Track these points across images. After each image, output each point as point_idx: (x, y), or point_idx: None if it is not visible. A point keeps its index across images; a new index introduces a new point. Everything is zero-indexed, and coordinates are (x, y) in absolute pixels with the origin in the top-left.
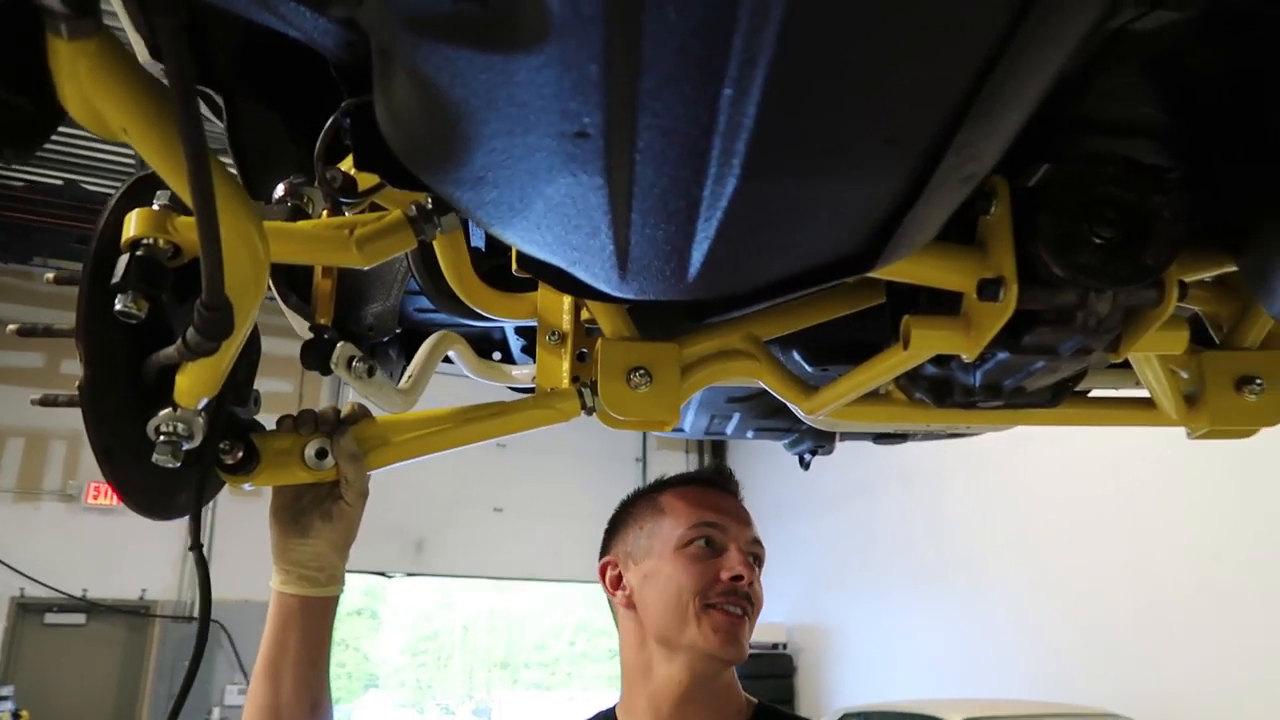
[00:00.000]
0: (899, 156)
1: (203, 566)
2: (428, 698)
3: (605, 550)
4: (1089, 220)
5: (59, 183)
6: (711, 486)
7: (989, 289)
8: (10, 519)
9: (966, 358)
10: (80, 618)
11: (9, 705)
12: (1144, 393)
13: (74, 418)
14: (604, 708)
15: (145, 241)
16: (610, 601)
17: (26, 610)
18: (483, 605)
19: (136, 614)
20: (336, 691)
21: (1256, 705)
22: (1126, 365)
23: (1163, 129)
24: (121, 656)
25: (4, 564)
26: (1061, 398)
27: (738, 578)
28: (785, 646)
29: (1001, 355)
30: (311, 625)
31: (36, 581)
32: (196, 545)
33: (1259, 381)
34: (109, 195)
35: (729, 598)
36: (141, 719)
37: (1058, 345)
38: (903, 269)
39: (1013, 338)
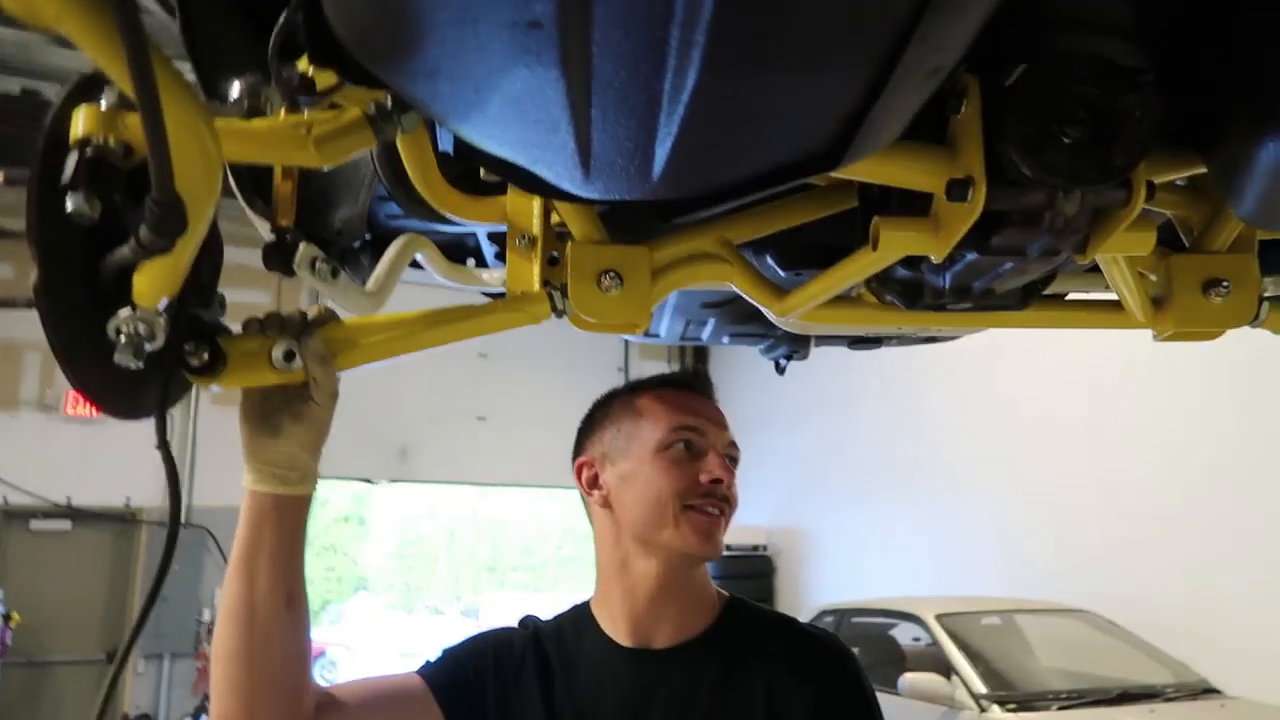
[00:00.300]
0: (860, 47)
1: (170, 464)
2: (416, 600)
3: (579, 450)
4: (1058, 120)
5: (16, 91)
6: (687, 389)
7: (957, 189)
8: None
9: (935, 259)
10: (66, 524)
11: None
12: (1113, 296)
13: None
14: (579, 602)
15: (94, 140)
16: (585, 500)
17: (11, 517)
18: (468, 511)
19: (122, 521)
20: (326, 593)
21: (1216, 605)
22: (1096, 269)
23: (1136, 28)
24: (109, 562)
25: None
26: (1031, 300)
27: (717, 480)
28: (765, 548)
29: (970, 256)
30: (285, 523)
31: (19, 489)
32: (163, 444)
33: (1225, 284)
34: None
35: (708, 500)
36: (132, 622)
37: (1025, 246)
38: (871, 169)
39: (981, 239)
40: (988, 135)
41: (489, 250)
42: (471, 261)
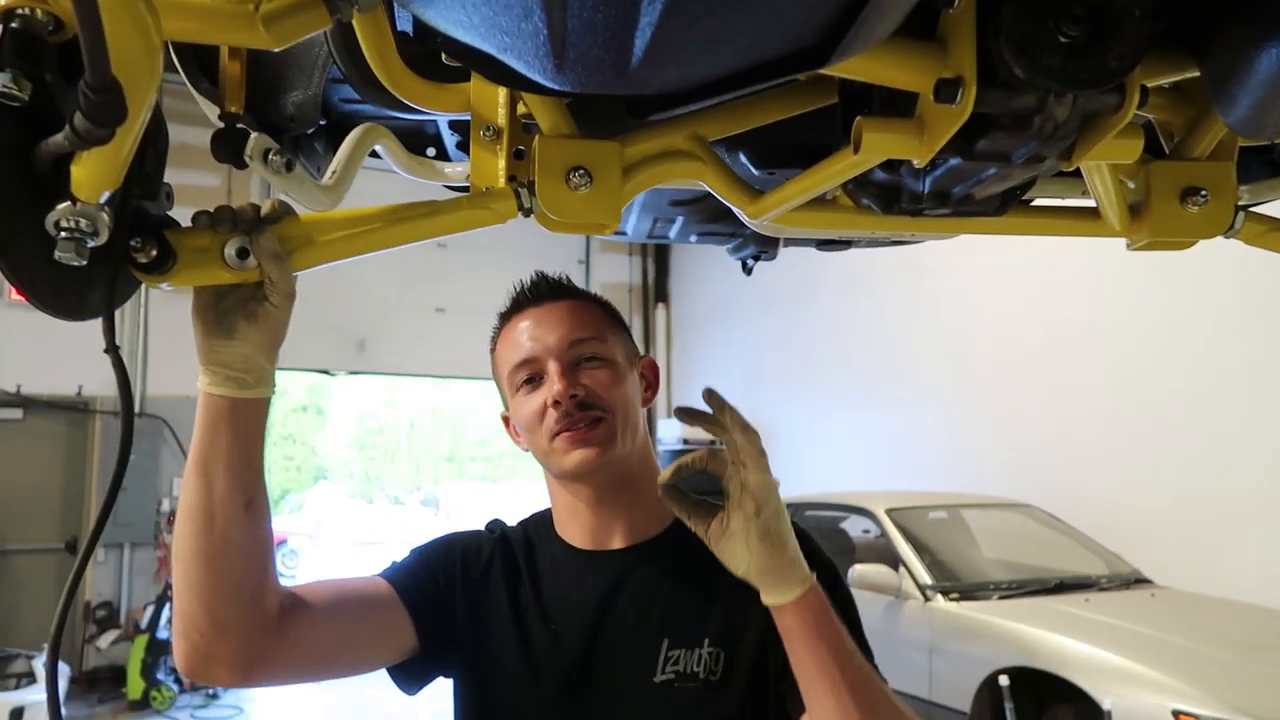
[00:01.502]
0: None
1: (120, 368)
2: (376, 489)
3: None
4: (1055, 17)
5: None
6: (523, 308)
7: (946, 90)
8: None
9: (918, 163)
10: (17, 413)
11: None
12: (1086, 202)
13: None
14: (541, 509)
15: (19, 12)
16: None
17: None
18: (427, 402)
19: (75, 410)
20: (285, 482)
21: (1150, 501)
22: (1072, 174)
23: None
24: (64, 451)
25: None
26: (1009, 206)
27: (557, 402)
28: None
29: (953, 161)
30: (242, 426)
31: None
32: (112, 347)
33: (1203, 193)
34: None
35: (566, 419)
36: (90, 509)
37: (1012, 151)
38: (858, 67)
39: (967, 142)
40: (980, 33)
41: (449, 140)
42: (431, 151)
